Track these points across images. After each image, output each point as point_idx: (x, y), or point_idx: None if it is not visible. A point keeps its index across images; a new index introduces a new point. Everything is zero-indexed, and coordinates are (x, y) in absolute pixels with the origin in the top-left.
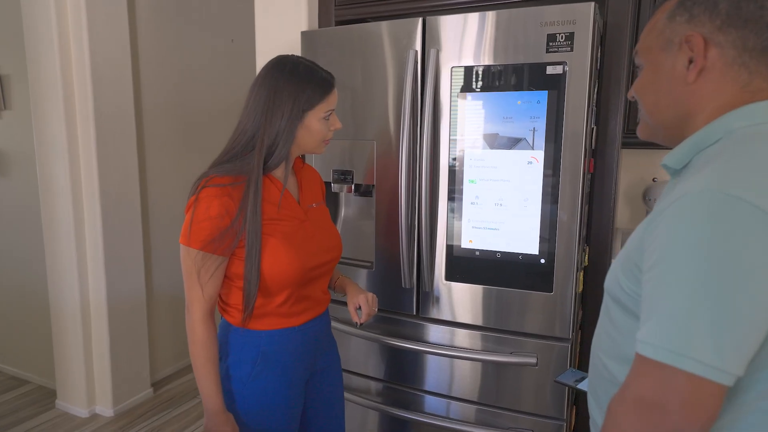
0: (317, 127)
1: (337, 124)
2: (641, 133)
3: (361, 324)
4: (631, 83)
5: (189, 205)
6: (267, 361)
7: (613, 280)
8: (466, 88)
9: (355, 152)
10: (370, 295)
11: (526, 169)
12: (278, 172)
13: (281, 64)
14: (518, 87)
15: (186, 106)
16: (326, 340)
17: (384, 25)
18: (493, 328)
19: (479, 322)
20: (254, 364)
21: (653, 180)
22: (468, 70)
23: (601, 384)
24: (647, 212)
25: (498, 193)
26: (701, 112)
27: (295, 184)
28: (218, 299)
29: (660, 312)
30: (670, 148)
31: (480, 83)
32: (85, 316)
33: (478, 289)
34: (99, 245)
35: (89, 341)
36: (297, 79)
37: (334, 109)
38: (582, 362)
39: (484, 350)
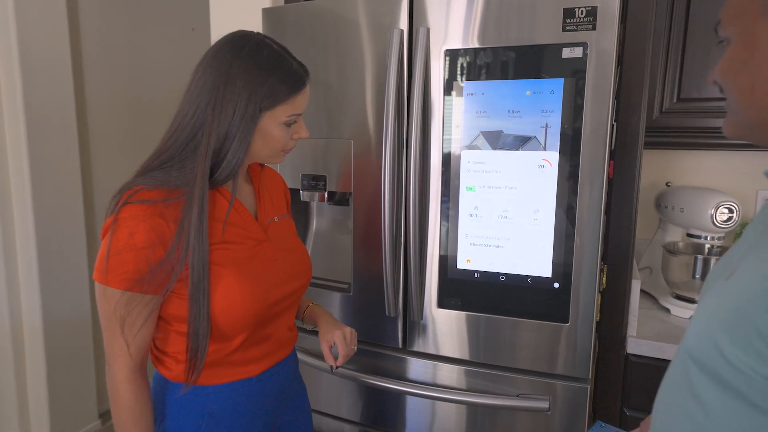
0: (276, 134)
1: (303, 133)
2: (729, 130)
3: (336, 368)
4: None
5: (105, 228)
6: (215, 423)
7: (707, 343)
8: (463, 75)
9: (328, 153)
10: (348, 330)
11: (537, 174)
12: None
13: (239, 43)
14: (527, 74)
15: (140, 101)
16: (292, 387)
17: (362, 0)
18: (495, 365)
19: (478, 358)
20: (198, 429)
21: (667, 185)
22: (465, 53)
23: None
24: (660, 221)
25: (502, 203)
26: None
27: (251, 194)
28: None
29: None
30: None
31: (479, 70)
32: (17, 339)
33: (477, 318)
34: (32, 259)
35: (22, 369)
36: (257, 67)
37: (301, 113)
38: (596, 407)
39: (484, 392)
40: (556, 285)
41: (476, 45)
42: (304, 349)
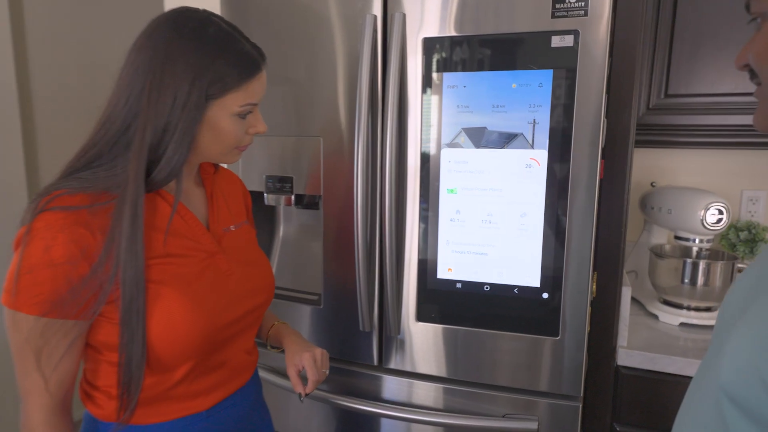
0: (227, 127)
1: (260, 126)
2: (763, 122)
3: (306, 395)
4: (648, 63)
5: (17, 240)
6: None
7: (751, 379)
8: (442, 66)
9: (295, 152)
10: (318, 351)
11: (524, 174)
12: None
13: (179, 20)
14: (513, 65)
15: (95, 94)
16: (253, 418)
17: None
18: (479, 383)
19: (461, 375)
20: None
21: (652, 185)
22: (444, 42)
23: None
24: (645, 222)
25: (486, 206)
26: None
27: (202, 199)
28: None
29: None
30: None
31: (461, 60)
32: None
33: (459, 332)
34: None
35: None
36: (202, 47)
37: (257, 103)
38: (584, 424)
39: (468, 413)
40: (545, 295)
41: (457, 33)
42: (268, 367)
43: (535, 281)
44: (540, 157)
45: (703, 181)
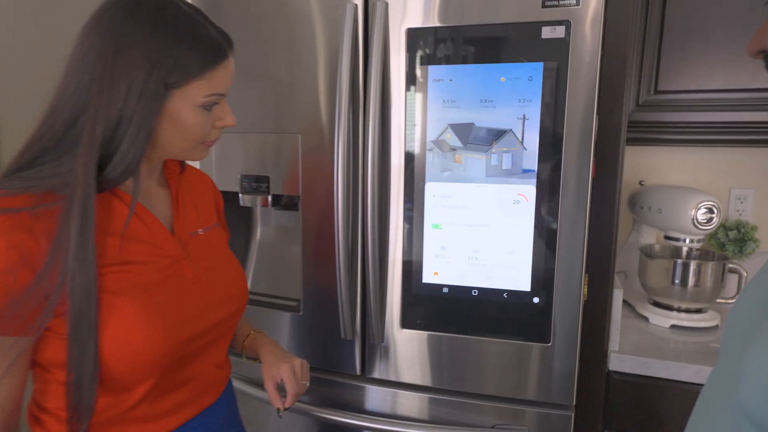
0: (191, 120)
1: (228, 119)
2: None
3: (285, 409)
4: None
5: None
6: None
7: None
8: (427, 58)
9: (272, 150)
10: (298, 362)
11: (510, 172)
12: (127, 182)
13: (134, 1)
14: (502, 57)
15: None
16: None
17: None
18: (467, 392)
19: (447, 385)
20: None
21: (640, 183)
22: (429, 33)
23: None
24: (634, 221)
25: (474, 199)
26: None
27: (166, 200)
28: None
29: None
30: None
31: (446, 52)
32: None
33: (446, 339)
34: None
35: None
36: (160, 31)
37: (224, 93)
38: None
39: (456, 424)
40: (536, 300)
41: (442, 23)
42: (243, 377)
43: (524, 285)
44: (530, 151)
45: (691, 180)
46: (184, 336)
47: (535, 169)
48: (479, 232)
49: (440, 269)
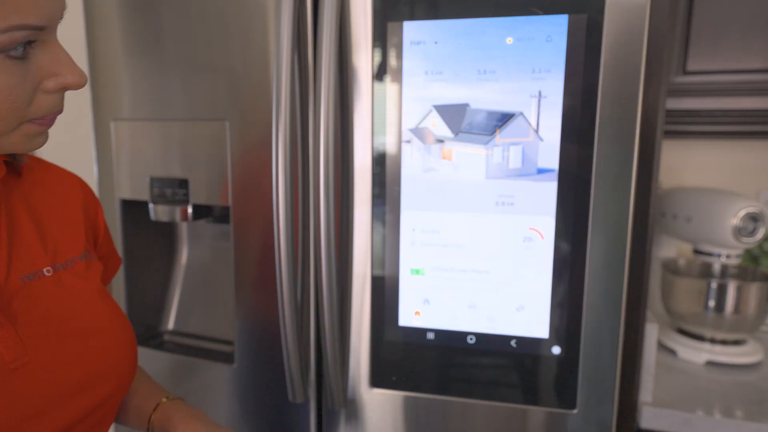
0: None
1: (68, 74)
2: None
3: None
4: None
5: None
6: None
7: None
8: (402, 12)
9: (190, 143)
10: None
11: (520, 171)
12: None
13: None
14: (508, 9)
15: None
16: None
17: None
18: None
19: None
20: None
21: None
22: None
23: None
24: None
25: (465, 200)
26: None
27: None
28: None
29: None
30: None
31: (430, 1)
32: None
33: (431, 403)
34: None
35: None
36: None
37: (45, 27)
38: None
39: None
40: (556, 350)
41: None
42: None
43: (541, 331)
44: (549, 144)
45: (710, 180)
46: None
47: (556, 168)
48: (477, 279)
49: (423, 309)
